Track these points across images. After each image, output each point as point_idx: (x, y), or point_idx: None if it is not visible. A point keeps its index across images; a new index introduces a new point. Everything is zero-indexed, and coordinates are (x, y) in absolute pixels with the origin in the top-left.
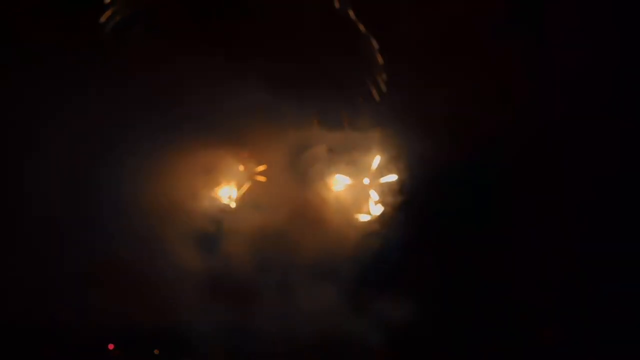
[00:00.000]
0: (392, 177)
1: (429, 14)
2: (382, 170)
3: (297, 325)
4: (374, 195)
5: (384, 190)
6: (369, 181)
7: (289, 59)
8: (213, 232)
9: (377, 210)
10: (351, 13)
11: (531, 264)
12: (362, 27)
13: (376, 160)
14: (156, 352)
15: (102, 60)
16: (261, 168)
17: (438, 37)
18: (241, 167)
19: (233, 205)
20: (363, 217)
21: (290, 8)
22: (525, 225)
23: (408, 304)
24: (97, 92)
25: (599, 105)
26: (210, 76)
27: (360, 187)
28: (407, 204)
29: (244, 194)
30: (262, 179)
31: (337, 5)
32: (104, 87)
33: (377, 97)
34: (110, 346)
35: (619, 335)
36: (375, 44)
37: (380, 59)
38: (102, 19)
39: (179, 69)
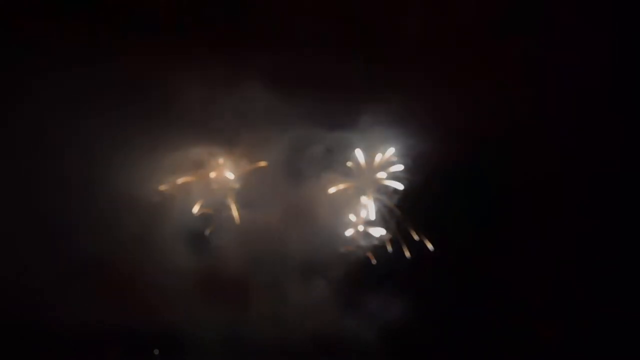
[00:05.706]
0: (391, 178)
1: (429, 15)
2: (380, 171)
3: (295, 326)
4: (372, 196)
5: (382, 191)
6: (366, 181)
7: (288, 59)
8: (210, 231)
9: (375, 210)
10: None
11: (531, 264)
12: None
13: (374, 161)
14: (156, 352)
15: (99, 59)
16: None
17: (439, 38)
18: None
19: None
20: (361, 218)
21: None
22: (525, 226)
23: (407, 305)
24: (91, 90)
25: (598, 105)
26: (207, 75)
27: (357, 188)
28: (406, 204)
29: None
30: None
31: None
32: (99, 86)
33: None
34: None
35: (619, 335)
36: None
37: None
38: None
39: (176, 68)
